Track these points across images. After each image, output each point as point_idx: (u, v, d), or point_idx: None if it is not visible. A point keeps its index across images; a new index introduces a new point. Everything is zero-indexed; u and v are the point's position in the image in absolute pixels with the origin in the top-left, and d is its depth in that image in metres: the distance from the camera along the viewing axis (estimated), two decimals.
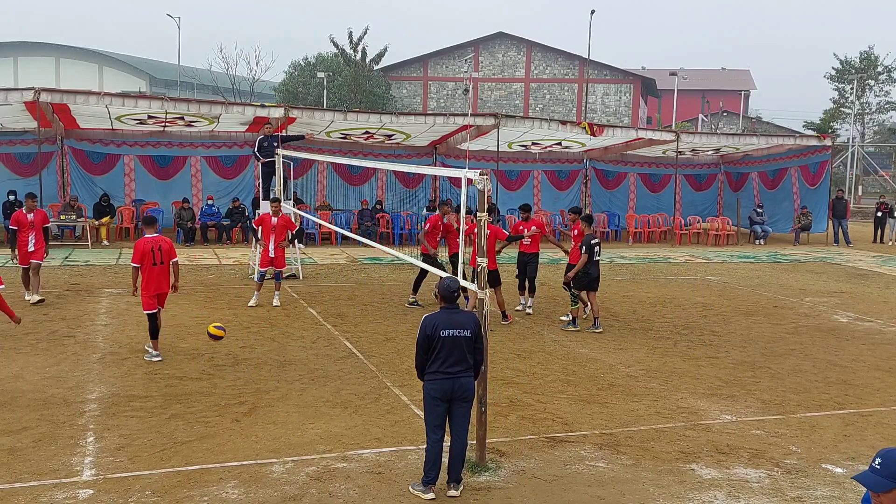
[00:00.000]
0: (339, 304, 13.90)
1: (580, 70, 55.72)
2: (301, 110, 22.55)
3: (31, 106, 19.37)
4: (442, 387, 6.20)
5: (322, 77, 49.65)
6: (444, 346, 6.21)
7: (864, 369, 10.55)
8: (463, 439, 6.35)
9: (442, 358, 6.20)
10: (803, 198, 27.33)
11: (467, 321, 6.33)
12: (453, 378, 6.20)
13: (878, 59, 58.62)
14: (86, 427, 7.57)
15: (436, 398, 6.24)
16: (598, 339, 11.89)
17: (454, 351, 6.21)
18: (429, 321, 6.31)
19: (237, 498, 6.14)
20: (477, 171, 6.68)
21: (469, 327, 6.30)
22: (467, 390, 6.28)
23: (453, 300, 6.38)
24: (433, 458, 6.24)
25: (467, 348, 6.27)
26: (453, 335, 6.22)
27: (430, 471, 6.23)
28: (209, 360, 9.96)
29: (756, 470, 7.01)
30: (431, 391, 6.25)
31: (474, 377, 6.43)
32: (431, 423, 6.29)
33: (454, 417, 6.32)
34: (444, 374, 6.19)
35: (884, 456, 3.20)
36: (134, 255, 9.90)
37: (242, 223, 22.51)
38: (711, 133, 37.72)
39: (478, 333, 6.37)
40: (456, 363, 6.21)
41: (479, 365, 6.49)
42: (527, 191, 27.52)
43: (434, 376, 6.23)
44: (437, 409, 6.27)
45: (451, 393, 6.22)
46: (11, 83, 62.34)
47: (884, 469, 3.16)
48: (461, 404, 6.29)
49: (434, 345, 6.22)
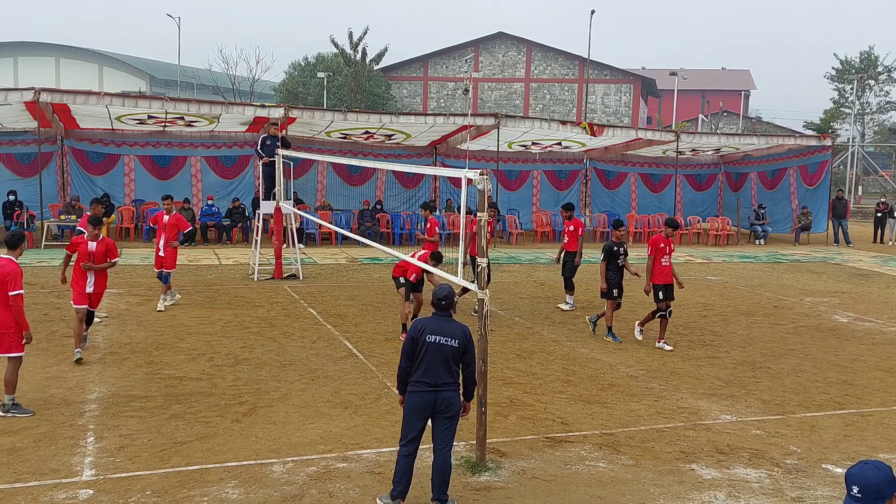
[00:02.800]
0: (339, 304, 13.90)
1: (580, 70, 55.72)
2: (301, 110, 22.55)
3: (31, 106, 19.38)
4: (424, 400, 5.88)
5: (322, 77, 49.67)
6: (428, 352, 5.91)
7: (865, 369, 10.55)
8: (444, 456, 5.95)
9: (425, 366, 5.90)
10: (802, 198, 27.32)
11: (457, 331, 6.03)
12: (436, 391, 5.87)
13: (878, 59, 58.61)
14: (86, 427, 7.57)
15: (415, 411, 5.92)
16: (599, 339, 11.88)
17: (438, 360, 5.90)
18: (416, 325, 6.08)
19: (237, 498, 6.14)
20: (477, 171, 6.67)
21: (457, 337, 5.99)
22: (451, 406, 5.94)
23: (443, 308, 6.13)
24: (401, 471, 5.93)
25: (453, 359, 5.96)
26: (439, 342, 5.92)
27: (398, 484, 5.93)
28: (209, 360, 9.96)
29: (756, 470, 7.01)
30: (411, 403, 5.93)
31: (467, 397, 6.13)
32: (406, 434, 5.95)
33: (436, 434, 5.97)
34: (427, 386, 5.87)
35: (857, 482, 3.24)
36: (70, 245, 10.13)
37: (242, 223, 22.53)
38: (711, 133, 37.70)
39: (467, 346, 6.03)
40: (440, 374, 5.89)
41: (471, 384, 6.16)
42: (526, 191, 27.53)
43: (416, 387, 5.91)
44: (415, 422, 5.93)
45: (433, 407, 5.90)
46: (11, 83, 62.40)
47: (866, 494, 3.20)
48: (444, 421, 5.95)
49: (418, 350, 5.94)
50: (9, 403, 7.83)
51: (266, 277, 16.15)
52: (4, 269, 7.71)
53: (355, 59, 51.41)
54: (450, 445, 6.02)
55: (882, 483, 3.20)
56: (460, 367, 6.07)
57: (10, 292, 7.67)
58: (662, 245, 11.26)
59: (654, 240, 11.45)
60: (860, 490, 3.22)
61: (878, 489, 3.19)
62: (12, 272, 7.71)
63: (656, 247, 11.27)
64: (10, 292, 7.67)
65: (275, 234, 16.46)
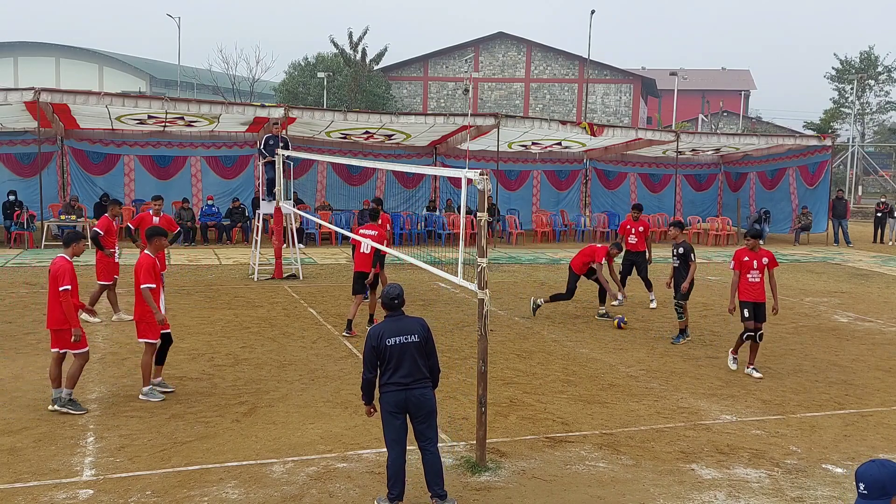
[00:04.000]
0: (339, 304, 13.89)
1: (580, 70, 55.72)
2: (301, 110, 22.56)
3: (31, 106, 19.38)
4: (395, 398, 5.88)
5: (322, 77, 49.67)
6: (392, 355, 5.88)
7: (864, 369, 10.55)
8: (432, 452, 5.98)
9: (392, 368, 5.88)
10: (801, 198, 27.32)
11: (414, 326, 6.01)
12: (406, 389, 5.86)
13: (878, 59, 58.65)
14: (86, 427, 7.56)
15: (390, 411, 5.91)
16: (599, 339, 11.88)
17: (405, 359, 5.88)
18: (373, 332, 5.99)
19: (237, 498, 6.14)
20: (477, 171, 6.67)
21: (416, 332, 5.98)
22: (425, 402, 5.94)
23: (394, 307, 6.07)
24: (393, 473, 5.93)
25: (418, 354, 5.94)
26: (401, 342, 5.90)
27: (394, 487, 5.93)
28: (209, 360, 9.96)
29: (756, 470, 7.00)
30: (386, 404, 5.93)
31: (433, 386, 6.09)
32: (389, 437, 5.95)
33: (417, 434, 5.98)
34: (397, 385, 5.87)
35: (864, 479, 3.26)
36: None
37: (242, 223, 22.52)
38: (711, 133, 37.71)
39: (427, 337, 6.02)
40: (409, 373, 5.88)
41: (436, 372, 6.11)
42: (526, 191, 27.54)
43: (387, 388, 5.91)
44: (393, 422, 5.92)
45: (406, 405, 5.89)
46: (11, 83, 62.43)
47: (872, 491, 3.21)
48: (422, 419, 5.94)
49: (382, 356, 5.90)
50: (66, 398, 7.95)
51: (266, 277, 16.15)
52: (56, 265, 7.91)
53: (355, 59, 51.42)
54: (435, 441, 6.04)
55: (887, 479, 3.20)
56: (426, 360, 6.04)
57: (60, 287, 7.82)
58: (747, 259, 10.14)
59: (738, 254, 10.30)
60: (866, 486, 3.23)
61: (883, 485, 3.19)
62: (61, 268, 7.88)
63: (740, 261, 10.19)
64: (60, 287, 7.82)
65: (275, 234, 16.46)
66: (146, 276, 8.28)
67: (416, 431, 5.99)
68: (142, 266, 8.32)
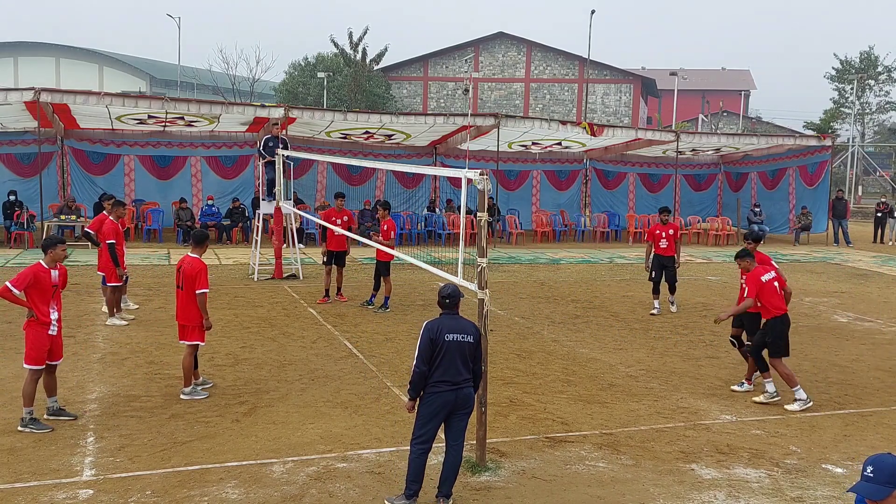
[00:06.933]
0: (339, 304, 13.90)
1: (580, 70, 55.70)
2: (301, 110, 22.56)
3: (31, 106, 19.38)
4: (444, 399, 5.96)
5: (322, 77, 49.66)
6: (447, 351, 5.96)
7: (864, 369, 10.55)
8: (457, 451, 6.09)
9: (445, 365, 5.95)
10: (801, 198, 27.32)
11: (469, 327, 6.15)
12: (457, 389, 5.97)
13: (878, 59, 58.63)
14: (86, 427, 7.57)
15: (435, 412, 5.98)
16: (599, 339, 11.89)
17: (457, 357, 5.98)
18: (432, 325, 6.07)
19: (237, 498, 6.14)
20: (477, 171, 6.68)
21: (472, 333, 6.11)
22: (470, 402, 6.10)
23: (446, 306, 6.20)
24: (416, 469, 5.97)
25: (470, 355, 6.07)
26: (457, 340, 6.01)
27: (413, 483, 5.98)
28: (209, 360, 9.96)
29: (756, 470, 7.01)
30: (431, 404, 5.97)
31: (474, 389, 6.21)
32: (423, 435, 5.99)
33: (452, 429, 6.08)
34: (449, 385, 5.94)
35: (874, 463, 3.22)
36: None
37: (242, 223, 22.52)
38: (711, 133, 37.72)
39: (479, 340, 6.19)
40: (459, 372, 5.98)
41: (479, 377, 6.27)
42: (526, 191, 27.54)
43: (437, 387, 5.95)
44: (434, 421, 6.00)
45: (454, 405, 6.00)
46: (11, 83, 62.40)
47: (878, 475, 3.17)
48: (462, 416, 6.08)
49: (438, 350, 5.97)
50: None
51: (266, 277, 16.15)
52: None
53: (355, 59, 51.41)
54: (462, 440, 6.14)
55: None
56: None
57: (197, 290, 8.34)
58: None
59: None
60: (874, 470, 3.19)
61: (892, 473, 3.16)
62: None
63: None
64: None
65: (275, 234, 16.46)
66: (203, 281, 8.39)
67: (453, 429, 6.08)
68: (201, 271, 8.42)
